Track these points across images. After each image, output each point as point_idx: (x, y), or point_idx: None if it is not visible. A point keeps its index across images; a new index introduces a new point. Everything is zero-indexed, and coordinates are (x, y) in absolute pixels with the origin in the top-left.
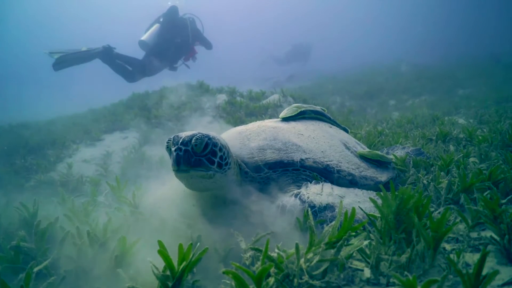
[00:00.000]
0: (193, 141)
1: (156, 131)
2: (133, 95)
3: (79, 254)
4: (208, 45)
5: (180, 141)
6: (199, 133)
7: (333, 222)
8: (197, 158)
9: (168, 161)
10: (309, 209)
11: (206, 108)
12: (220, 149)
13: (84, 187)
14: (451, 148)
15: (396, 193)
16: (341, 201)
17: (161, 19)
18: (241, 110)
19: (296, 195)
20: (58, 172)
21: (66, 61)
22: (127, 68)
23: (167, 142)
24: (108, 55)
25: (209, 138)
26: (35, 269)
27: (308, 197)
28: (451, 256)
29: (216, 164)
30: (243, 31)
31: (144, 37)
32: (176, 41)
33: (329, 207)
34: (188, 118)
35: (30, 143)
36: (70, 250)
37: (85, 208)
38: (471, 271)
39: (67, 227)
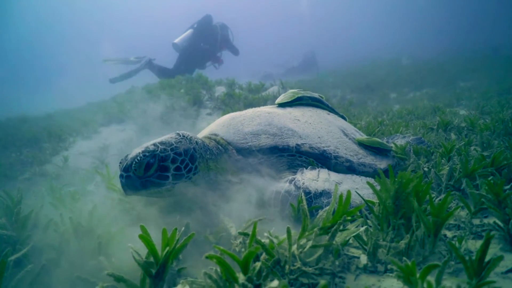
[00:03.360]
0: (133, 165)
1: (154, 124)
2: (131, 88)
3: (62, 242)
4: (235, 52)
5: (123, 167)
6: (141, 152)
7: (328, 207)
8: (143, 181)
9: None
10: (304, 194)
11: (205, 101)
12: (174, 160)
13: (78, 179)
14: (453, 136)
15: (395, 178)
16: (336, 185)
17: (195, 25)
18: (240, 102)
19: (291, 181)
20: (54, 164)
21: (123, 76)
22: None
23: (120, 163)
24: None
25: (153, 155)
26: (13, 257)
27: (303, 183)
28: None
29: (171, 177)
30: (243, 25)
31: (176, 40)
32: (204, 47)
33: (325, 193)
34: (187, 110)
35: (26, 136)
36: (53, 238)
37: (72, 197)
38: (473, 257)
39: (52, 215)
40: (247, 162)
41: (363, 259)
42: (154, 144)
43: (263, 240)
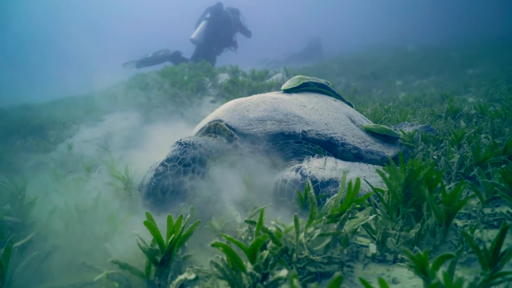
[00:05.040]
0: (150, 192)
1: (157, 111)
2: (135, 76)
3: (67, 229)
4: (247, 34)
5: (143, 193)
6: (154, 177)
7: (336, 194)
8: (165, 199)
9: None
10: (311, 183)
11: (208, 88)
12: (186, 172)
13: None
14: (462, 124)
15: (405, 166)
16: (344, 173)
17: (208, 15)
18: (243, 89)
19: (297, 169)
20: (58, 152)
21: (146, 62)
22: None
23: (138, 189)
24: (176, 58)
25: (165, 177)
26: (18, 244)
27: (310, 172)
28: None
29: (188, 186)
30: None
31: (193, 35)
32: (221, 36)
33: (332, 182)
34: (190, 98)
35: (30, 123)
36: (58, 225)
37: (77, 184)
38: (488, 247)
39: (57, 202)
40: (252, 149)
41: (372, 248)
42: (163, 164)
43: (270, 228)
